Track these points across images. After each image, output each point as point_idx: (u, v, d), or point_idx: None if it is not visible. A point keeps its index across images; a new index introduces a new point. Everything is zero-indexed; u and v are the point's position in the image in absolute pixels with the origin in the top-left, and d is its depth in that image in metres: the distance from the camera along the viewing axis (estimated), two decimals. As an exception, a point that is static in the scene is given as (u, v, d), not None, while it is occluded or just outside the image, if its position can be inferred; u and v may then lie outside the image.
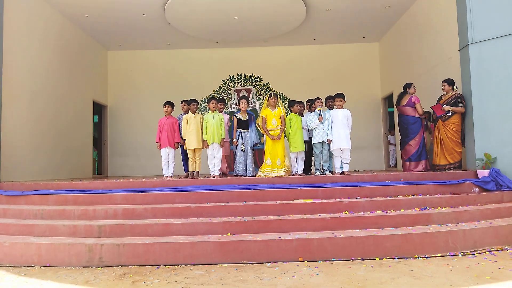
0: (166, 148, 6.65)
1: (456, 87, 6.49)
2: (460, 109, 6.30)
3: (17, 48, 7.25)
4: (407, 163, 6.81)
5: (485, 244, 4.01)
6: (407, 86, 6.91)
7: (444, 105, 6.39)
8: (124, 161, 11.21)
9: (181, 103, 7.06)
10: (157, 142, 6.73)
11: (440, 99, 6.64)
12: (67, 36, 9.16)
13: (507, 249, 3.96)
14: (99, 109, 11.23)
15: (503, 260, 3.59)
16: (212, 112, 6.44)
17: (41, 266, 3.74)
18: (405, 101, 6.84)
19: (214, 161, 6.38)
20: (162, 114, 6.84)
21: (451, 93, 6.46)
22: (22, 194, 5.33)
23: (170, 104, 6.79)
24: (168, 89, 10.93)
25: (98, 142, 11.49)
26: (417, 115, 6.73)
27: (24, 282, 3.31)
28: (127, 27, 9.63)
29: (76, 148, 9.48)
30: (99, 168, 11.43)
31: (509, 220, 4.44)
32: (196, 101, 6.81)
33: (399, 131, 7.12)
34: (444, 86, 6.53)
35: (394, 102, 7.56)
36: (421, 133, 6.76)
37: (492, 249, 3.94)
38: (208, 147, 6.37)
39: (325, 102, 6.74)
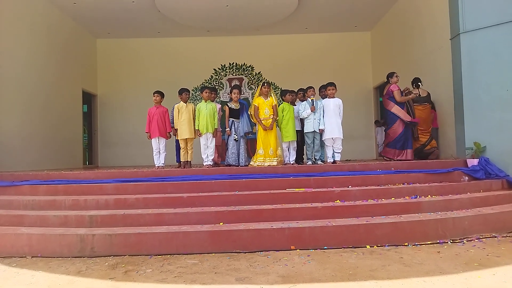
0: (157, 138, 6.57)
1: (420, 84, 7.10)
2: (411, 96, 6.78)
3: (4, 36, 7.08)
4: (391, 149, 6.75)
5: (474, 232, 4.07)
6: (390, 75, 6.90)
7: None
8: (115, 151, 11.12)
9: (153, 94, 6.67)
10: (147, 132, 6.65)
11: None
12: (55, 23, 8.97)
13: (495, 237, 4.03)
14: (88, 98, 11.08)
15: (491, 247, 3.65)
16: (205, 101, 6.39)
17: (32, 257, 3.71)
18: (385, 91, 6.89)
19: (208, 151, 6.34)
20: (153, 103, 6.75)
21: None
22: (11, 184, 5.26)
23: (159, 93, 6.65)
24: (159, 78, 10.78)
25: (88, 131, 11.36)
26: (393, 109, 6.67)
27: (15, 273, 3.28)
28: (116, 14, 9.44)
29: (66, 138, 9.36)
30: (90, 158, 11.33)
31: (498, 208, 4.52)
32: (187, 90, 6.71)
33: None
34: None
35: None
36: (400, 123, 6.63)
37: (481, 237, 4.01)
38: (200, 135, 6.33)
39: (318, 91, 6.72)
